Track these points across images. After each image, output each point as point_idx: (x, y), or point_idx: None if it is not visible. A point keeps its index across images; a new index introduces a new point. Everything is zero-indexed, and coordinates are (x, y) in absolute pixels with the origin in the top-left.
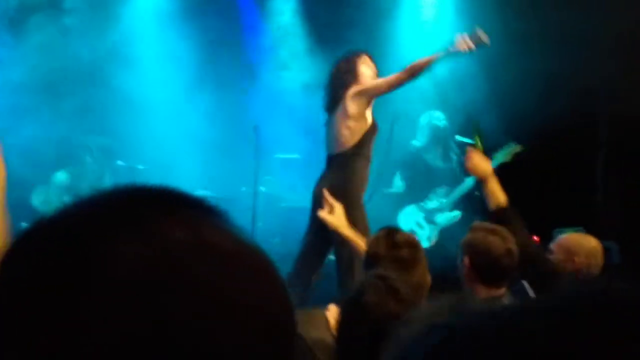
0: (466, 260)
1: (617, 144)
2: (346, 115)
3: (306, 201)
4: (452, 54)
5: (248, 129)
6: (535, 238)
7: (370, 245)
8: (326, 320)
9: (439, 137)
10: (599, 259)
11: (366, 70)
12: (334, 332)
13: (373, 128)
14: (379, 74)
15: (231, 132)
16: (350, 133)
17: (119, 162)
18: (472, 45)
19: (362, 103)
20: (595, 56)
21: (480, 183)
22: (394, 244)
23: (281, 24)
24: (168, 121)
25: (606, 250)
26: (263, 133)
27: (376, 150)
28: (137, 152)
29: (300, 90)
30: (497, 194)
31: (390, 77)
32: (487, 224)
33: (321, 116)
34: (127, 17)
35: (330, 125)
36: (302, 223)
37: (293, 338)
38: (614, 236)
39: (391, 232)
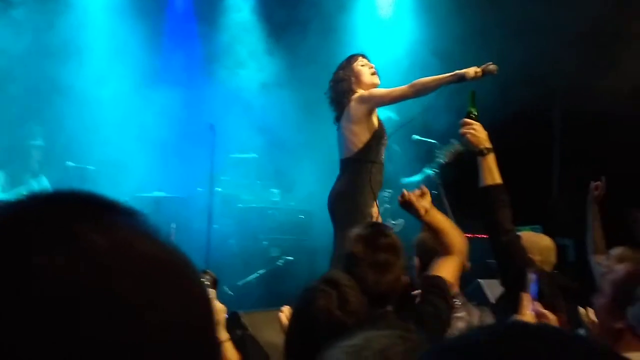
0: (416, 260)
1: (572, 139)
2: (350, 120)
3: (263, 201)
4: (460, 79)
5: (204, 128)
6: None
7: (351, 244)
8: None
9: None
10: (552, 257)
11: (363, 68)
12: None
13: (379, 132)
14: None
15: (186, 131)
16: (355, 138)
17: (69, 163)
18: (481, 75)
19: (365, 108)
20: (553, 51)
21: (478, 155)
22: (374, 247)
23: (238, 20)
24: (120, 120)
25: (562, 248)
26: (219, 132)
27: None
28: (88, 152)
29: (257, 88)
30: (494, 171)
31: (396, 90)
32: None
33: (277, 115)
34: (77, 11)
35: (338, 131)
36: (258, 223)
37: (213, 337)
38: (570, 233)
39: (374, 234)
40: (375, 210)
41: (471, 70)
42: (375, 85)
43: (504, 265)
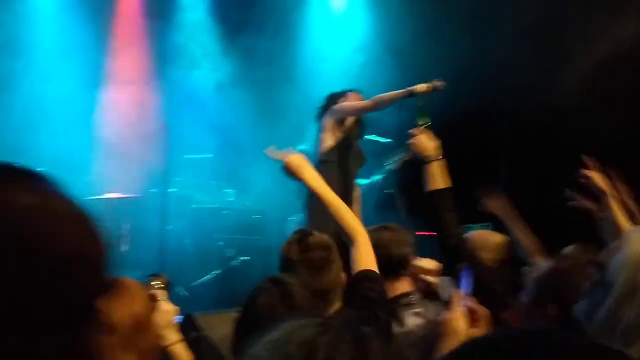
0: None
1: (520, 139)
2: (321, 127)
3: (218, 202)
4: (411, 95)
5: (157, 128)
6: None
7: (283, 250)
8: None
9: None
10: (504, 254)
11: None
12: None
13: (345, 140)
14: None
15: (140, 131)
16: (323, 142)
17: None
18: (430, 90)
19: (333, 119)
20: (502, 48)
21: (424, 163)
22: (306, 247)
23: (192, 20)
24: (71, 120)
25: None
26: (173, 132)
27: None
28: (38, 153)
29: (211, 88)
30: (437, 177)
31: (360, 103)
32: (386, 224)
33: (232, 115)
34: (25, 7)
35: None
36: (213, 224)
37: (104, 267)
38: None
39: (303, 236)
40: None
41: (421, 87)
42: None
43: (452, 267)
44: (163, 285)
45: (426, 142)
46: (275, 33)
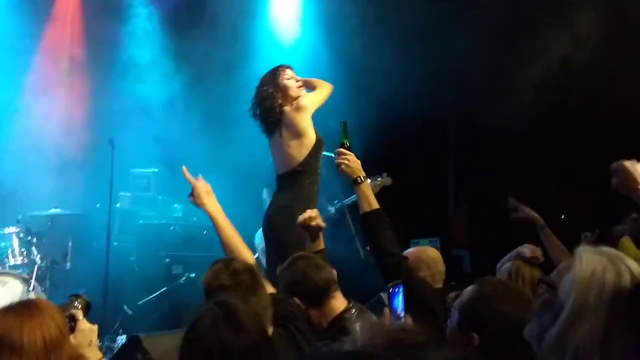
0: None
1: (466, 152)
2: (291, 133)
3: (164, 217)
4: None
5: (103, 142)
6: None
7: (211, 279)
8: None
9: None
10: (439, 267)
11: (289, 81)
12: None
13: (319, 142)
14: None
15: (85, 145)
16: (296, 151)
17: None
18: None
19: (306, 117)
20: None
21: (353, 184)
22: (234, 272)
23: (140, 29)
24: (14, 133)
25: (458, 259)
26: (119, 146)
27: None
28: None
29: (158, 100)
30: (370, 197)
31: (321, 89)
32: (293, 257)
33: (180, 128)
34: None
35: (274, 146)
36: (160, 240)
37: None
38: (465, 245)
39: (228, 263)
40: None
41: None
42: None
43: (386, 280)
44: (82, 306)
45: (355, 162)
46: (223, 44)
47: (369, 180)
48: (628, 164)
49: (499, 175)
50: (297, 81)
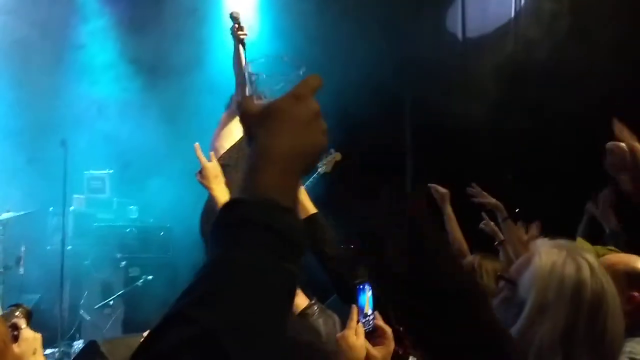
0: None
1: (424, 144)
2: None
3: (120, 219)
4: None
5: (55, 144)
6: (352, 246)
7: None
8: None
9: None
10: None
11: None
12: None
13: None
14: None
15: (36, 146)
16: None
17: None
18: None
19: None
20: (402, 62)
21: None
22: None
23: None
24: None
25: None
26: (72, 148)
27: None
28: None
29: (112, 102)
30: (305, 203)
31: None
32: None
33: (133, 129)
34: None
35: None
36: (116, 242)
37: None
38: None
39: None
40: None
41: None
42: None
43: (337, 285)
44: (23, 315)
45: None
46: (178, 45)
47: (303, 187)
48: (623, 145)
49: (457, 168)
50: None
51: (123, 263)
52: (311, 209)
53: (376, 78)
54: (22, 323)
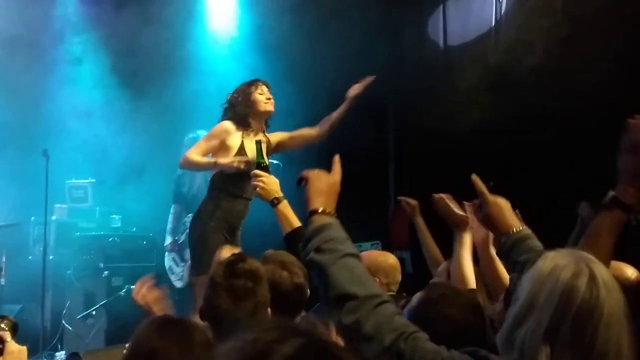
0: None
1: (406, 151)
2: None
3: (103, 229)
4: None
5: (37, 153)
6: None
7: (212, 270)
8: None
9: None
10: (397, 276)
11: (260, 96)
12: None
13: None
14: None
15: (18, 156)
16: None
17: None
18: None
19: None
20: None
21: (273, 206)
22: (232, 273)
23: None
24: None
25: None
26: (54, 157)
27: None
28: None
29: (95, 111)
30: (290, 217)
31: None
32: (280, 255)
33: (115, 139)
34: None
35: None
36: (98, 252)
37: None
38: (407, 247)
39: (235, 260)
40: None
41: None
42: (268, 113)
43: (324, 297)
44: (8, 328)
45: (271, 184)
46: (162, 52)
47: (285, 201)
48: None
49: (438, 175)
50: (267, 99)
51: (106, 273)
52: (295, 222)
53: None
54: (7, 336)
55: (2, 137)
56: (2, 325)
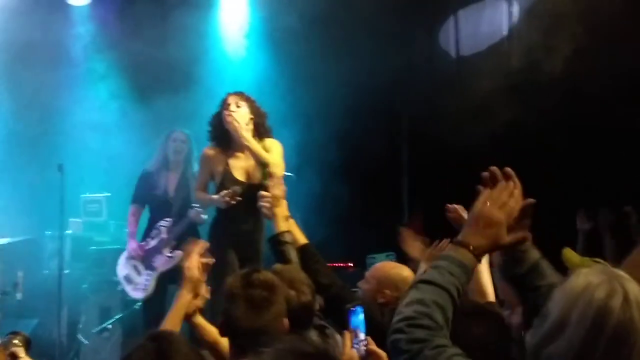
0: None
1: (419, 165)
2: None
3: (117, 242)
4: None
5: (52, 167)
6: (350, 264)
7: (228, 281)
8: None
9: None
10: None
11: (225, 112)
12: None
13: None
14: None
15: (34, 170)
16: None
17: None
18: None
19: None
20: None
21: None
22: (249, 283)
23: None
24: None
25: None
26: (68, 171)
27: None
28: None
29: (110, 125)
30: (297, 235)
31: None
32: (289, 271)
33: (130, 153)
34: None
35: None
36: (113, 266)
37: None
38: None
39: (252, 272)
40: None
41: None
42: (230, 126)
43: (330, 310)
44: (21, 344)
45: (279, 209)
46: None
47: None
48: None
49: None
50: (228, 111)
51: (120, 286)
52: (302, 240)
53: (372, 96)
54: (21, 352)
55: (18, 152)
56: (16, 341)
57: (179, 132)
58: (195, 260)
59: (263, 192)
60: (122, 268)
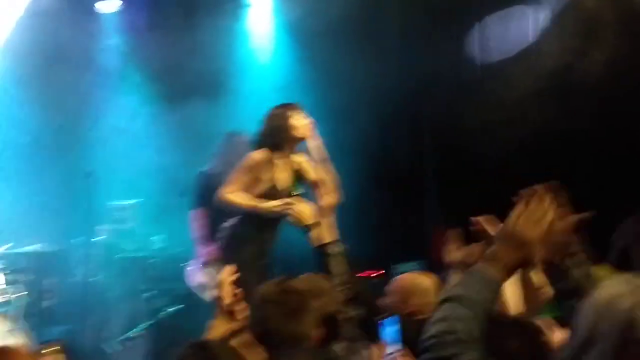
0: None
1: (445, 170)
2: None
3: (143, 250)
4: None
5: (80, 175)
6: (381, 272)
7: (262, 290)
8: None
9: None
10: (432, 298)
11: (296, 121)
12: None
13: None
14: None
15: (62, 177)
16: None
17: None
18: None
19: None
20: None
21: (305, 231)
22: (283, 290)
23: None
24: None
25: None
26: (98, 179)
27: None
28: None
29: (138, 131)
30: (323, 237)
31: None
32: (316, 281)
33: (158, 159)
34: None
35: None
36: (139, 274)
37: None
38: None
39: (284, 279)
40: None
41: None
42: (305, 139)
43: (361, 322)
44: (62, 351)
45: (304, 211)
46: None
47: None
48: None
49: (478, 194)
50: (305, 124)
51: (147, 294)
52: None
53: (395, 103)
54: (59, 359)
55: (46, 159)
56: (55, 349)
57: (242, 134)
58: (228, 290)
59: (288, 199)
60: (196, 277)
